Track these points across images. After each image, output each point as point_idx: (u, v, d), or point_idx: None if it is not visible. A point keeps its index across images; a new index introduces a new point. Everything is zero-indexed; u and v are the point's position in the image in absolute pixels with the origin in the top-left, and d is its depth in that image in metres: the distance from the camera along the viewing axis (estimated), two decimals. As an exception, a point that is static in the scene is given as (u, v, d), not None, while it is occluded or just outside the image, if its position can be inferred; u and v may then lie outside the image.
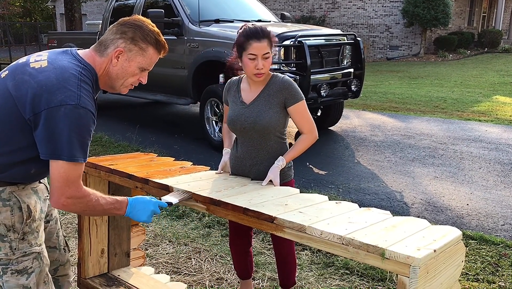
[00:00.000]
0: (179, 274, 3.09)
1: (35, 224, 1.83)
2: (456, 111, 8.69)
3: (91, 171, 2.53)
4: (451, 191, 4.59)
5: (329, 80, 6.03)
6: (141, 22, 1.80)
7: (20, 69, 1.71)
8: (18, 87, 1.65)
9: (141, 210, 1.86)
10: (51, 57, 1.75)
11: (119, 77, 1.81)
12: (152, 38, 1.79)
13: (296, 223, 1.69)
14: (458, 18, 21.88)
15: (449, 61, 18.31)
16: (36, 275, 1.83)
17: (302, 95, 2.35)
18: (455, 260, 1.62)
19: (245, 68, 2.31)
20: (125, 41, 1.76)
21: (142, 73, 1.83)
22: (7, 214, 1.75)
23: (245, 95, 2.41)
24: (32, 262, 1.82)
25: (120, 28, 1.77)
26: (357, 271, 3.09)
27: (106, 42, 1.78)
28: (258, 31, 2.26)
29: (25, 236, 1.80)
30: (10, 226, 1.76)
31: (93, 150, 5.86)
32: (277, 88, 2.33)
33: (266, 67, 2.28)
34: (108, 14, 7.82)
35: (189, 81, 6.29)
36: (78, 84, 1.65)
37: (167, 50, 1.87)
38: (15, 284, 1.79)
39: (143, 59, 1.79)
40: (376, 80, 13.36)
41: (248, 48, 2.25)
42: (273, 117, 2.32)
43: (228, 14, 6.86)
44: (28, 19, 36.42)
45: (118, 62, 1.77)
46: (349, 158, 5.72)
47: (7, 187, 1.74)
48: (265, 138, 2.35)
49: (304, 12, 21.96)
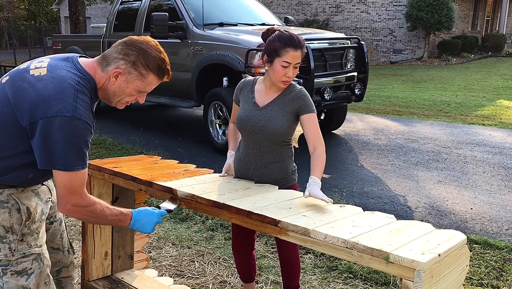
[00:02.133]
0: (182, 277, 3.09)
1: (35, 225, 1.84)
2: (459, 115, 8.67)
3: (95, 173, 2.54)
4: (455, 195, 4.58)
5: (333, 83, 6.03)
6: (147, 46, 1.77)
7: (19, 76, 1.73)
8: (16, 94, 1.67)
9: (146, 223, 1.91)
10: (51, 64, 1.75)
11: (116, 95, 1.82)
12: (154, 65, 1.77)
13: (300, 226, 1.69)
14: (461, 22, 21.86)
15: (452, 65, 18.29)
16: (36, 276, 1.84)
17: (314, 108, 2.33)
18: (459, 264, 1.62)
19: (273, 73, 2.27)
20: (126, 64, 1.75)
21: (139, 94, 1.84)
22: (5, 215, 1.77)
23: (259, 97, 2.39)
24: (32, 263, 1.83)
25: (125, 48, 1.76)
26: (360, 275, 3.08)
27: (109, 59, 1.77)
28: (295, 40, 2.23)
29: (24, 238, 1.81)
30: (9, 228, 1.78)
31: (96, 152, 5.88)
32: (292, 97, 2.32)
33: (294, 76, 2.29)
34: (113, 17, 7.85)
35: (193, 84, 6.31)
36: (74, 95, 1.66)
37: (170, 76, 1.87)
38: (15, 285, 1.80)
39: (141, 84, 1.80)
40: (379, 84, 13.36)
41: (283, 55, 2.22)
42: (284, 125, 2.31)
43: (232, 17, 6.87)
44: (33, 22, 36.59)
45: (116, 82, 1.77)
46: (353, 161, 5.72)
47: (5, 189, 1.76)
48: (272, 143, 2.35)
49: (308, 16, 21.98)
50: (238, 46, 5.70)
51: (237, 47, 5.69)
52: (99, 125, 7.27)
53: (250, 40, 5.68)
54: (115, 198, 2.73)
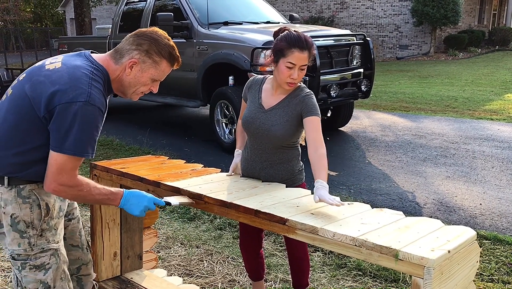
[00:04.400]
0: (192, 276, 3.10)
1: (53, 221, 1.90)
2: (467, 110, 8.62)
3: (103, 174, 2.55)
4: (464, 191, 4.55)
5: (339, 80, 6.01)
6: (157, 35, 1.87)
7: (36, 72, 1.82)
8: (34, 87, 1.76)
9: (134, 204, 1.90)
10: (65, 59, 1.85)
11: (131, 86, 1.90)
12: (166, 52, 1.87)
13: (308, 224, 1.68)
14: (468, 16, 21.71)
15: (459, 60, 18.17)
16: (53, 271, 1.89)
17: (319, 112, 2.27)
18: (469, 260, 1.60)
19: (278, 75, 2.23)
20: (140, 53, 1.84)
21: (153, 83, 1.92)
22: (27, 210, 1.83)
23: (266, 98, 2.35)
24: (50, 258, 1.88)
25: (136, 39, 1.85)
26: (369, 272, 3.07)
27: (122, 51, 1.86)
28: (302, 41, 2.18)
29: (43, 233, 1.86)
30: (29, 223, 1.83)
31: (104, 153, 5.90)
32: (297, 100, 2.27)
33: (300, 78, 2.23)
34: (118, 18, 7.87)
35: (198, 84, 6.31)
36: (89, 83, 1.75)
37: (180, 63, 1.95)
38: (33, 279, 1.85)
39: (155, 72, 1.88)
40: (386, 80, 13.30)
41: (288, 56, 2.17)
42: (288, 130, 2.27)
43: (237, 16, 6.87)
44: (39, 25, 36.78)
45: (131, 72, 1.86)
46: (360, 158, 5.70)
47: (27, 185, 1.82)
48: (276, 145, 2.33)
49: (313, 13, 21.93)
50: (243, 44, 5.69)
51: (243, 45, 5.69)
52: (107, 126, 7.28)
53: (255, 39, 5.67)
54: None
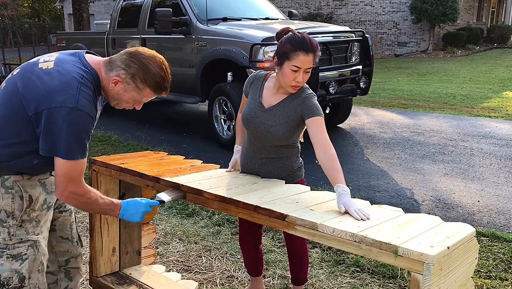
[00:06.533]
0: (190, 272, 3.10)
1: (35, 213, 1.93)
2: (465, 107, 8.63)
3: (102, 169, 2.54)
4: (462, 188, 4.56)
5: (338, 77, 6.01)
6: (150, 62, 1.84)
7: (29, 69, 1.84)
8: (25, 86, 1.77)
9: (133, 213, 1.98)
10: (58, 58, 1.86)
11: (114, 98, 1.92)
12: (151, 82, 1.85)
13: (308, 220, 1.69)
14: (466, 13, 21.70)
15: (458, 57, 18.18)
16: (29, 262, 1.91)
17: (321, 112, 2.21)
18: (468, 257, 1.61)
19: (283, 78, 2.18)
20: (126, 75, 1.84)
21: (135, 102, 1.93)
22: (8, 201, 1.86)
23: (267, 97, 2.31)
24: (27, 249, 1.91)
25: (128, 59, 1.84)
26: (368, 269, 3.08)
27: (113, 65, 1.86)
28: (307, 43, 2.12)
29: (23, 224, 1.90)
30: (10, 213, 1.87)
31: (102, 149, 5.89)
32: (298, 102, 2.23)
33: (304, 81, 2.20)
34: (116, 13, 7.84)
35: (197, 80, 6.30)
36: (78, 88, 1.76)
37: (168, 92, 1.94)
38: (8, 268, 1.88)
39: (137, 95, 1.89)
40: (384, 77, 13.30)
41: (293, 59, 2.12)
42: (287, 131, 2.25)
43: (236, 12, 6.85)
44: (37, 20, 36.64)
45: (115, 88, 1.87)
46: (358, 155, 5.71)
47: (12, 176, 1.86)
48: (276, 144, 2.31)
49: (311, 10, 21.89)
50: (242, 41, 5.68)
51: (241, 42, 5.67)
52: (105, 122, 7.28)
53: (254, 35, 5.66)
54: (122, 194, 2.74)
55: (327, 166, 2.03)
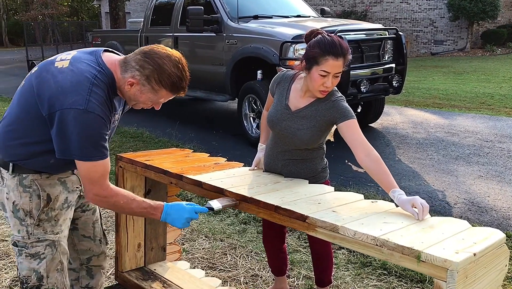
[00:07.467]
0: (215, 270, 3.10)
1: (53, 212, 1.91)
2: (503, 107, 8.33)
3: (127, 166, 2.57)
4: (497, 191, 4.40)
5: (370, 75, 5.90)
6: (165, 62, 1.74)
7: (45, 67, 1.81)
8: (40, 85, 1.75)
9: (176, 218, 1.90)
10: (74, 57, 1.81)
11: (131, 99, 1.86)
12: (167, 82, 1.76)
13: (329, 222, 1.65)
14: (508, 10, 20.95)
15: (497, 56, 17.58)
16: (47, 261, 1.91)
17: (353, 114, 2.14)
18: (497, 264, 1.54)
19: (311, 82, 2.10)
20: (141, 76, 1.75)
21: (154, 103, 1.86)
22: (26, 199, 1.86)
23: (294, 99, 2.25)
24: (45, 249, 1.90)
25: (141, 59, 1.75)
26: (395, 272, 3.01)
27: (127, 65, 1.78)
28: (337, 47, 2.03)
29: (40, 223, 1.89)
30: (28, 211, 1.87)
31: (134, 146, 5.98)
32: (327, 105, 2.16)
33: (333, 86, 2.11)
34: (150, 12, 7.95)
35: (227, 78, 6.31)
36: (89, 88, 1.70)
37: (186, 92, 1.87)
38: (27, 266, 1.89)
39: (153, 96, 1.81)
40: (419, 75, 13.00)
41: (322, 64, 2.04)
42: (314, 135, 2.20)
43: (267, 10, 6.83)
44: (75, 18, 37.60)
45: (130, 89, 1.79)
46: (390, 155, 5.59)
47: (30, 175, 1.85)
48: (301, 147, 2.26)
49: (346, 7, 21.60)
50: (272, 38, 5.65)
51: (272, 39, 5.65)
52: (137, 119, 7.40)
53: (284, 33, 5.62)
54: (147, 191, 2.76)
55: (375, 170, 1.95)
